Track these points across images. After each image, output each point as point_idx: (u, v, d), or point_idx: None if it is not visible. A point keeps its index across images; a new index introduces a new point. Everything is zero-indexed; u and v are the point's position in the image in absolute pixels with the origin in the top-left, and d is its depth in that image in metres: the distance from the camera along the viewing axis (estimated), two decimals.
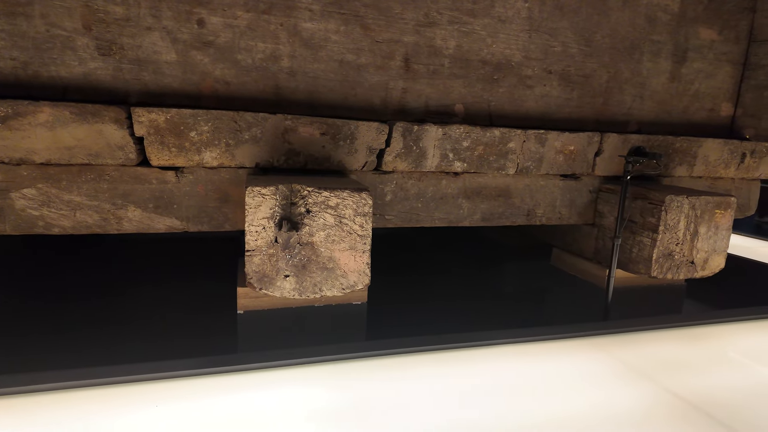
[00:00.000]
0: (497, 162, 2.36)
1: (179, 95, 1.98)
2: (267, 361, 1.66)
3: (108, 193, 1.89)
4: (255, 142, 1.99)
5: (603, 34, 2.52)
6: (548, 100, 2.51)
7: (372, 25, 2.16)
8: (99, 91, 1.88)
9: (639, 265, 2.38)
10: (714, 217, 2.32)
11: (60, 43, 1.81)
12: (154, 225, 1.97)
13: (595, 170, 2.55)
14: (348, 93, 2.21)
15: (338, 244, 1.80)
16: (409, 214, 2.35)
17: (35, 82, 1.81)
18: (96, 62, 1.85)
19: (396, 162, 2.22)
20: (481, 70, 2.36)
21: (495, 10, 2.30)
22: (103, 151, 1.81)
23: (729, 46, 2.77)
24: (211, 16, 1.95)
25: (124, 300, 2.48)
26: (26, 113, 1.71)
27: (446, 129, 2.23)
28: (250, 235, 1.72)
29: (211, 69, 2.00)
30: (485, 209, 2.48)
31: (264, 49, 2.04)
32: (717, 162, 2.78)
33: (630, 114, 2.69)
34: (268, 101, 2.11)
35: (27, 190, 1.81)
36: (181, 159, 1.92)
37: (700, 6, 2.66)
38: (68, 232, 1.88)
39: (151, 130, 1.84)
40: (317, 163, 2.12)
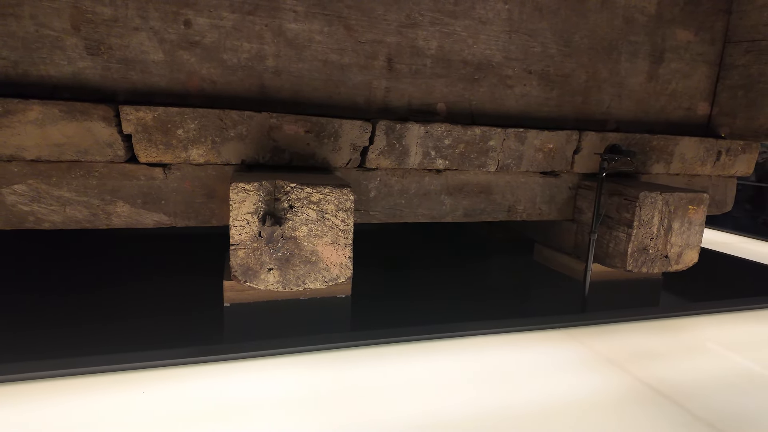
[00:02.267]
0: (478, 159, 2.43)
1: (166, 94, 2.03)
2: (251, 350, 1.72)
3: (97, 189, 1.95)
4: (241, 139, 2.05)
5: (582, 34, 2.59)
6: (528, 99, 2.58)
7: (355, 26, 2.22)
8: (88, 90, 1.93)
9: (615, 260, 2.46)
10: (687, 213, 2.40)
11: (49, 43, 1.86)
12: (142, 220, 2.03)
13: (573, 167, 2.63)
14: (332, 92, 2.27)
15: (321, 238, 1.86)
16: (393, 210, 2.42)
17: (25, 80, 1.85)
18: (85, 62, 1.90)
19: (380, 159, 2.28)
20: (462, 70, 2.43)
21: (476, 12, 2.37)
22: (92, 148, 1.87)
23: (705, 47, 2.85)
24: (197, 17, 2.00)
25: (113, 293, 2.53)
26: (16, 111, 1.76)
27: (428, 127, 2.29)
28: (235, 229, 1.78)
29: (197, 68, 2.05)
30: (467, 205, 2.55)
31: (249, 49, 2.10)
32: (693, 159, 2.86)
33: (608, 113, 2.76)
34: (253, 100, 2.17)
35: (17, 186, 1.86)
36: (169, 156, 1.97)
37: (677, 8, 2.73)
38: (58, 227, 1.93)
39: (138, 127, 1.90)
40: (302, 160, 2.18)
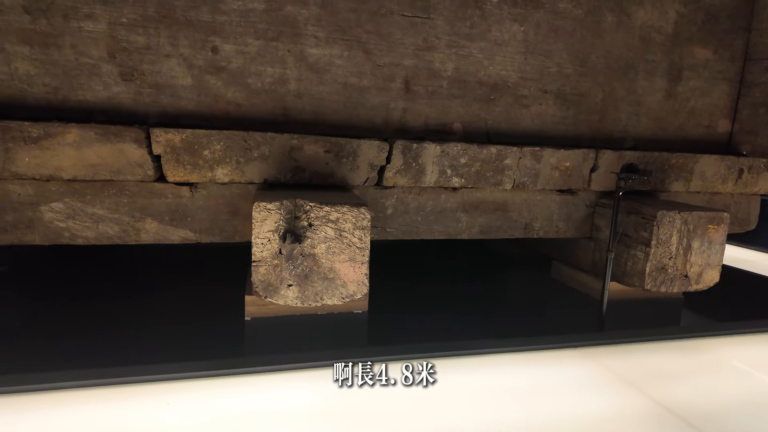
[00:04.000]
0: (494, 177, 2.47)
1: (194, 116, 2.14)
2: (272, 364, 1.77)
3: (128, 207, 2.05)
4: (263, 159, 2.14)
5: (598, 54, 2.62)
6: (544, 118, 2.61)
7: (374, 50, 2.30)
8: (121, 114, 2.05)
9: (633, 278, 2.44)
10: (707, 232, 2.38)
11: (87, 70, 1.98)
12: (169, 236, 2.12)
13: (591, 185, 2.63)
14: (351, 113, 2.35)
15: (338, 255, 1.92)
16: (410, 227, 2.46)
17: (65, 105, 1.98)
18: (119, 87, 2.02)
19: (396, 178, 2.33)
20: (478, 91, 2.48)
21: (491, 34, 2.42)
22: (124, 168, 1.97)
23: (724, 64, 2.84)
24: (224, 44, 2.11)
25: (137, 305, 2.63)
26: (56, 134, 1.88)
27: (444, 147, 2.34)
28: (257, 246, 1.85)
29: (223, 92, 2.16)
30: (483, 223, 2.57)
31: (273, 74, 2.20)
32: (714, 177, 2.83)
33: (626, 131, 2.77)
34: (276, 121, 2.26)
35: (55, 204, 1.98)
36: (195, 175, 2.07)
37: (694, 27, 2.74)
38: (91, 242, 2.04)
39: (167, 149, 2.00)
40: (321, 179, 2.25)
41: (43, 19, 1.90)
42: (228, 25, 2.09)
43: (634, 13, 2.62)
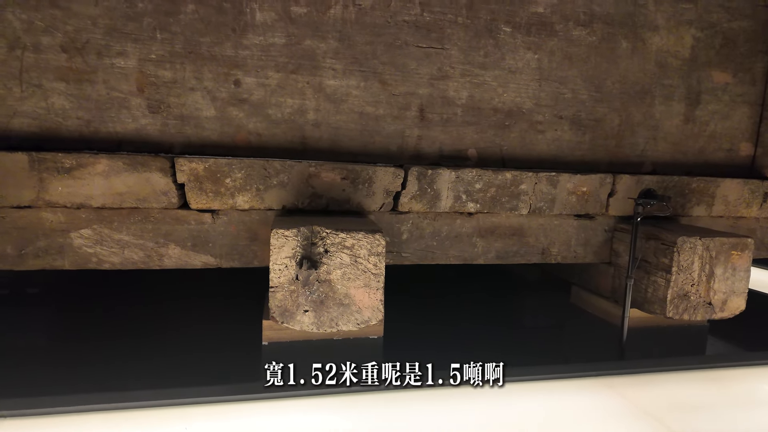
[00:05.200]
0: (510, 203, 2.47)
1: (217, 146, 2.22)
2: (288, 390, 1.79)
3: (152, 233, 2.13)
4: (282, 186, 2.20)
5: (613, 80, 2.63)
6: (560, 144, 2.62)
7: (389, 80, 2.36)
8: (148, 144, 2.15)
9: (654, 305, 2.39)
10: (731, 258, 2.32)
11: (117, 104, 2.09)
12: (191, 261, 2.18)
13: (608, 210, 2.61)
14: (367, 141, 2.40)
15: (354, 281, 1.95)
16: (425, 252, 2.48)
17: (95, 137, 2.09)
18: (146, 119, 2.13)
19: (411, 203, 2.36)
20: (492, 118, 2.51)
21: (505, 63, 2.47)
22: (149, 196, 2.06)
23: (745, 87, 2.81)
24: (246, 77, 2.20)
25: (158, 329, 2.69)
26: (87, 164, 1.98)
27: (459, 172, 2.37)
28: (274, 272, 1.90)
29: (245, 122, 2.24)
30: (499, 248, 2.57)
31: (292, 104, 2.28)
32: (737, 202, 2.77)
33: (644, 155, 2.75)
34: (295, 149, 2.33)
35: (84, 231, 2.07)
36: (217, 202, 2.14)
37: (712, 51, 2.73)
38: (116, 267, 2.12)
39: (191, 177, 2.08)
40: (338, 205, 2.30)
41: (78, 57, 2.03)
42: (250, 59, 2.19)
43: (649, 39, 2.63)
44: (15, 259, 2.03)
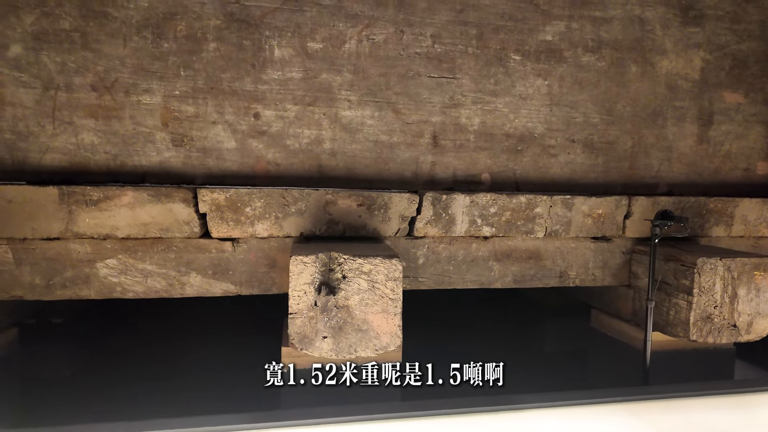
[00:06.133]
0: (525, 226, 2.48)
1: (237, 176, 2.30)
2: (308, 417, 1.79)
3: (174, 262, 2.18)
4: (300, 214, 2.25)
5: (624, 103, 2.66)
6: (573, 167, 2.64)
7: (403, 110, 2.43)
8: (171, 176, 2.23)
9: (677, 328, 2.35)
10: (754, 279, 2.28)
11: (143, 138, 2.19)
12: (212, 289, 2.23)
13: (625, 232, 2.60)
14: (382, 168, 2.46)
15: (371, 307, 1.96)
16: (442, 277, 2.48)
17: (122, 170, 2.18)
18: (170, 152, 2.21)
19: (427, 228, 2.39)
20: (505, 143, 2.55)
21: (516, 89, 2.52)
22: (172, 226, 2.12)
23: (758, 107, 2.82)
24: (265, 110, 2.29)
25: (178, 355, 2.72)
26: (114, 196, 2.06)
27: (473, 197, 2.39)
28: (293, 299, 1.92)
29: (264, 153, 2.32)
30: (516, 271, 2.57)
31: (309, 135, 2.35)
32: (757, 221, 2.74)
33: (659, 176, 2.75)
34: (312, 178, 2.39)
35: (109, 261, 2.13)
36: (238, 231, 2.19)
37: (722, 72, 2.75)
38: (140, 296, 2.17)
39: (213, 207, 2.14)
40: (354, 231, 2.34)
41: (107, 95, 2.14)
42: (269, 93, 2.28)
43: (658, 63, 2.67)
44: (43, 290, 2.10)
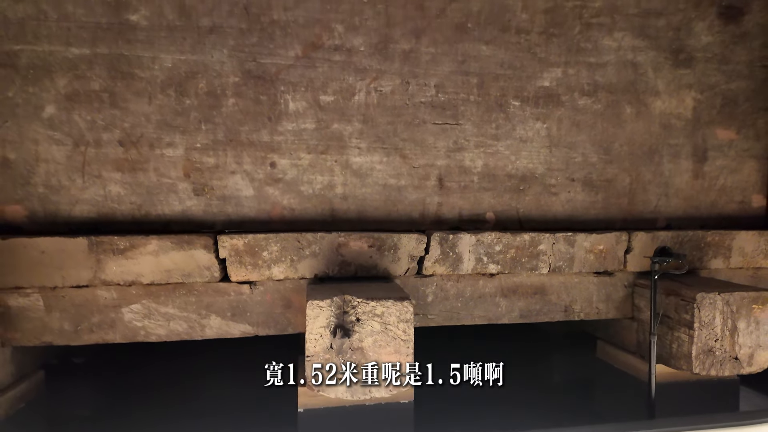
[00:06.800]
0: (530, 263, 2.58)
1: (254, 221, 2.42)
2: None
3: (195, 305, 2.29)
4: (314, 256, 2.36)
5: (621, 142, 2.78)
6: (574, 204, 2.75)
7: (409, 154, 2.56)
8: (192, 223, 2.35)
9: (680, 361, 2.42)
10: (753, 312, 2.36)
11: (166, 188, 2.32)
12: (230, 331, 2.33)
13: (626, 266, 2.69)
14: (391, 209, 2.58)
15: (384, 348, 2.05)
16: (450, 314, 2.57)
17: (146, 219, 2.31)
18: (191, 201, 2.35)
19: (435, 267, 2.49)
20: (507, 183, 2.67)
21: (516, 133, 2.65)
22: (193, 272, 2.24)
23: (750, 143, 2.93)
24: (280, 159, 2.42)
25: (194, 396, 2.79)
26: (139, 245, 2.19)
27: (479, 236, 2.50)
28: (309, 342, 2.02)
29: (280, 199, 2.44)
30: (522, 307, 2.65)
31: (322, 181, 2.48)
32: (755, 253, 2.82)
33: (657, 211, 2.85)
34: (324, 221, 2.51)
35: (134, 306, 2.24)
36: (255, 274, 2.30)
37: (714, 110, 2.88)
38: (162, 339, 2.27)
39: (232, 252, 2.26)
40: (366, 271, 2.44)
41: (133, 149, 2.28)
42: (284, 143, 2.42)
43: (652, 103, 2.80)
44: (71, 335, 2.20)
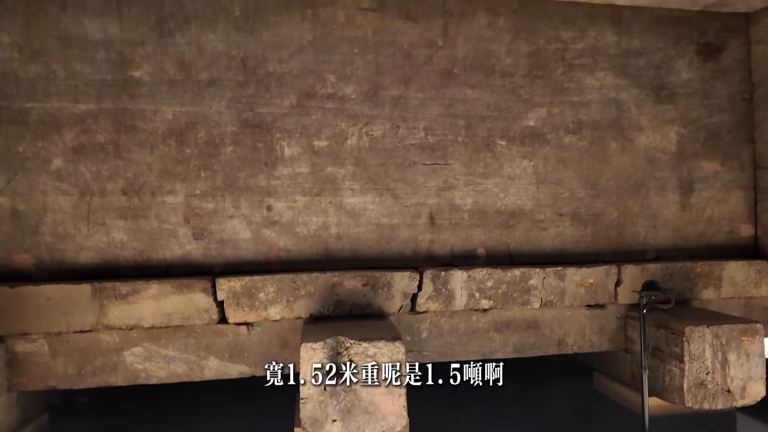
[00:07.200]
0: (521, 298, 2.63)
1: (252, 263, 2.50)
2: None
3: (194, 347, 2.36)
4: (309, 296, 2.43)
5: (607, 177, 2.86)
6: (563, 238, 2.82)
7: (401, 194, 2.65)
8: (192, 266, 2.44)
9: (673, 394, 2.43)
10: (742, 344, 2.39)
11: (167, 234, 2.42)
12: (228, 372, 2.38)
13: (618, 299, 2.73)
14: (384, 248, 2.65)
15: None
16: (445, 349, 2.62)
17: (147, 264, 2.40)
18: (191, 245, 2.44)
19: (428, 303, 2.55)
20: (497, 219, 2.75)
21: (504, 171, 2.74)
22: (193, 314, 2.31)
23: (735, 174, 3.00)
24: (277, 203, 2.52)
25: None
26: (141, 290, 2.27)
27: (470, 272, 2.57)
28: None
29: (276, 241, 2.53)
30: (516, 341, 2.69)
31: (317, 222, 2.57)
32: (745, 282, 2.86)
33: (646, 243, 2.91)
34: (319, 260, 2.59)
35: (135, 349, 2.31)
36: (252, 315, 2.37)
37: (697, 144, 2.96)
38: (163, 381, 2.33)
39: (229, 294, 2.34)
40: (360, 309, 2.50)
41: (136, 197, 2.39)
42: (280, 187, 2.52)
43: (636, 139, 2.89)
44: (75, 379, 2.27)
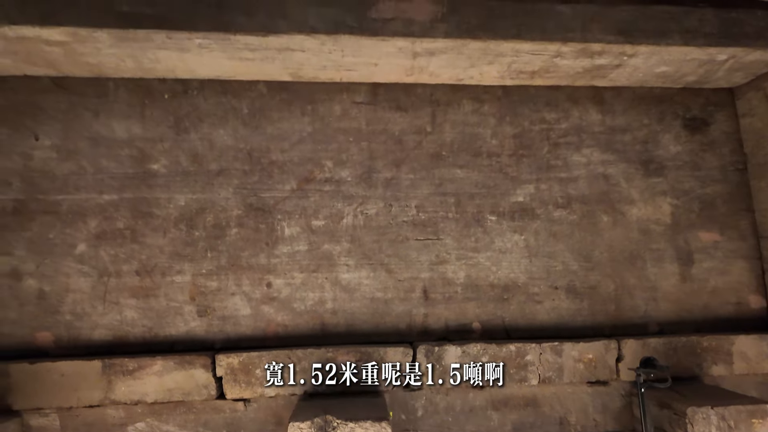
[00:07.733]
0: (518, 374, 2.61)
1: (251, 339, 2.63)
2: None
3: (193, 422, 2.44)
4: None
5: (600, 250, 2.89)
6: (560, 312, 2.82)
7: (395, 269, 2.77)
8: (195, 342, 2.58)
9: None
10: (752, 427, 2.26)
11: (173, 312, 2.60)
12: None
13: (619, 375, 2.66)
14: (379, 322, 2.73)
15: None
16: (441, 428, 2.59)
17: (154, 340, 2.56)
18: (195, 322, 2.60)
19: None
20: (491, 293, 2.79)
21: (495, 245, 2.83)
22: (193, 390, 2.42)
23: (735, 243, 2.97)
24: (276, 279, 2.68)
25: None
26: (146, 366, 2.42)
27: (464, 347, 2.59)
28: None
29: (274, 316, 2.66)
30: (515, 419, 2.63)
31: (313, 297, 2.70)
32: (759, 358, 2.73)
33: (647, 316, 2.86)
34: (315, 335, 2.68)
35: (138, 424, 2.42)
36: (248, 392, 2.46)
37: (693, 214, 2.97)
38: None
39: (228, 370, 2.45)
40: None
41: (147, 278, 2.61)
42: (279, 265, 2.69)
43: (628, 211, 2.94)
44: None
